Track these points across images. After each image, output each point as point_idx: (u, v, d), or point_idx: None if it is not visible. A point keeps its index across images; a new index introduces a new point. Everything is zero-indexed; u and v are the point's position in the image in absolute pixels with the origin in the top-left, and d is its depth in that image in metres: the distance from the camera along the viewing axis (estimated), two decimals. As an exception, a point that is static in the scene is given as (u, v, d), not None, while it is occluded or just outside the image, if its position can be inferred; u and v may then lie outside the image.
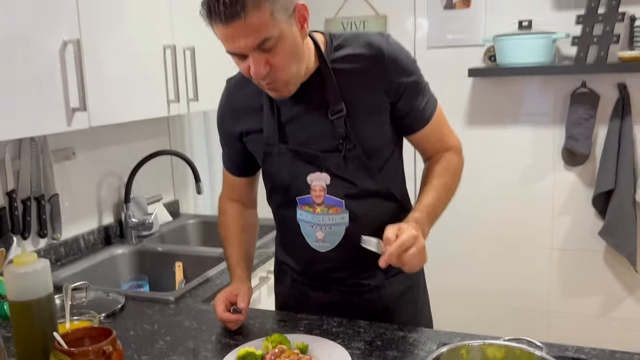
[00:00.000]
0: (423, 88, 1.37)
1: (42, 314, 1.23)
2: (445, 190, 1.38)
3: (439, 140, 1.42)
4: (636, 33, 2.65)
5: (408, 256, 1.17)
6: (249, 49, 1.16)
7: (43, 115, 1.53)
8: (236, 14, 1.10)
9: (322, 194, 1.35)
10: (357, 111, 1.31)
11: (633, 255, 2.75)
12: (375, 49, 1.30)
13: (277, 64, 1.19)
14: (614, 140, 2.71)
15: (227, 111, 1.46)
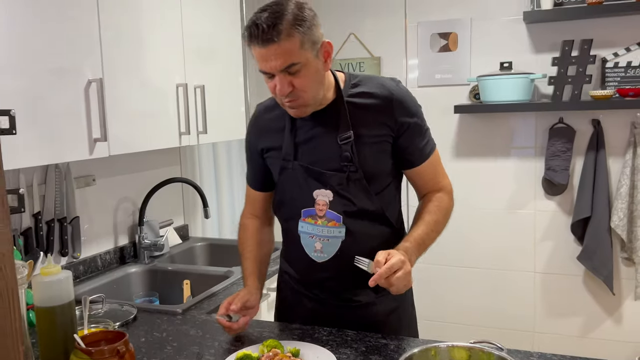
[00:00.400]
0: (424, 130, 1.50)
1: (64, 319, 1.33)
2: (435, 227, 1.49)
3: (433, 178, 1.54)
4: (607, 73, 2.77)
5: (395, 279, 1.27)
6: (277, 69, 1.32)
7: (69, 144, 1.65)
8: (271, 39, 1.28)
9: (325, 208, 1.47)
10: (362, 140, 1.44)
11: (610, 279, 2.82)
12: (386, 90, 1.45)
13: (299, 86, 1.35)
14: (590, 171, 2.81)
15: (253, 130, 1.60)
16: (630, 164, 2.73)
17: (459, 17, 2.99)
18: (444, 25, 3.01)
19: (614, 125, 2.80)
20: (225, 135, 2.50)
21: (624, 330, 2.90)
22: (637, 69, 2.72)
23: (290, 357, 1.32)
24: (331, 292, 1.54)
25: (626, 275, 2.88)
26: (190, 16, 2.20)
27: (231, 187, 3.09)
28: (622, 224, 2.75)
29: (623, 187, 2.74)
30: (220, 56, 2.42)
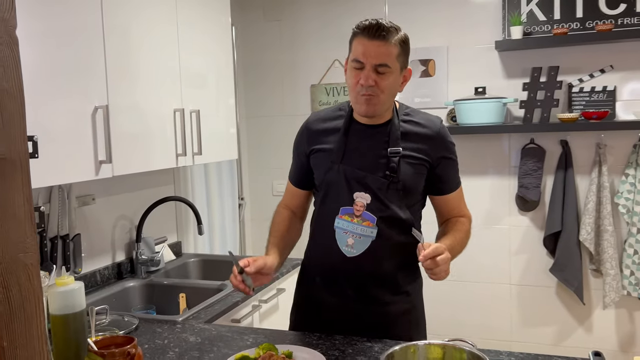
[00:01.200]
0: (456, 166, 1.72)
1: (77, 325, 1.44)
2: (459, 242, 1.66)
3: (457, 207, 1.74)
4: (573, 98, 2.97)
5: (440, 259, 1.46)
6: (371, 63, 1.53)
7: (76, 166, 1.78)
8: (382, 37, 1.52)
9: (362, 209, 1.63)
10: (406, 159, 1.63)
11: (580, 290, 2.98)
12: (433, 125, 1.67)
13: (380, 85, 1.55)
14: (559, 188, 2.99)
15: (305, 132, 1.77)
16: (596, 182, 2.92)
17: (437, 45, 3.18)
18: (423, 52, 3.20)
19: (581, 145, 2.99)
20: (217, 156, 2.63)
21: (594, 338, 3.05)
22: (600, 94, 2.92)
23: (284, 358, 1.44)
24: (352, 287, 1.66)
25: (595, 286, 3.04)
26: (186, 47, 2.34)
27: (222, 206, 3.22)
28: (590, 237, 2.92)
29: (590, 203, 2.91)
30: (213, 83, 2.56)
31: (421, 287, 1.81)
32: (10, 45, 1.03)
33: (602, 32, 2.76)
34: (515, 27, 2.90)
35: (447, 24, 3.15)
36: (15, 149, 1.05)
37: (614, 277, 2.89)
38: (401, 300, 1.70)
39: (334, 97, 3.37)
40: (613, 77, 2.92)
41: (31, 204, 1.15)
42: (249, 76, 3.57)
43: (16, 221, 1.04)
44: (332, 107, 1.78)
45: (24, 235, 1.12)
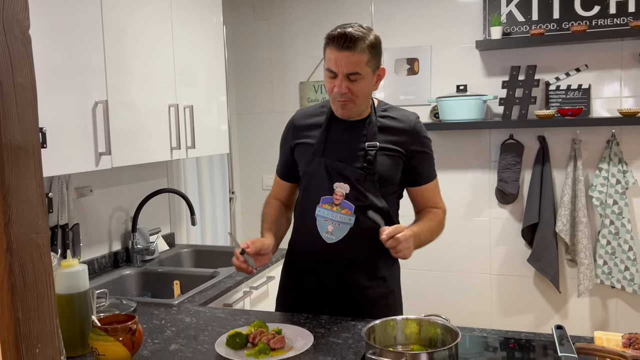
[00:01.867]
0: (430, 159, 1.83)
1: (81, 304, 1.55)
2: (429, 229, 1.78)
3: (432, 198, 1.85)
4: (550, 95, 3.11)
5: (401, 237, 1.57)
6: (343, 72, 1.63)
7: (78, 157, 1.88)
8: (349, 48, 1.60)
9: (341, 198, 1.75)
10: (383, 151, 1.74)
11: (556, 279, 3.12)
12: (408, 120, 1.80)
13: (354, 92, 1.66)
14: (537, 182, 3.12)
15: (291, 127, 1.89)
16: (571, 176, 3.05)
17: (421, 44, 3.30)
18: (407, 51, 3.32)
19: (557, 141, 3.12)
20: (210, 150, 2.74)
21: (570, 324, 3.18)
22: (575, 92, 3.06)
23: (274, 334, 1.56)
24: (332, 272, 1.78)
25: (570, 275, 3.19)
26: (180, 46, 2.44)
27: (213, 198, 3.32)
28: (566, 229, 3.06)
29: (566, 196, 3.05)
30: (206, 80, 2.67)
31: (399, 273, 1.94)
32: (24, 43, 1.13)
33: (576, 32, 2.90)
34: (495, 27, 3.02)
35: (431, 24, 3.27)
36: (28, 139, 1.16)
37: (587, 266, 3.03)
38: (379, 285, 1.81)
39: (322, 94, 3.48)
40: (588, 75, 3.06)
41: (43, 189, 1.26)
42: (240, 74, 3.68)
43: (29, 205, 1.14)
44: (316, 105, 1.90)
45: (37, 217, 1.22)
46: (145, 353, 1.55)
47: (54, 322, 1.32)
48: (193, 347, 1.57)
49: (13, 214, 1.10)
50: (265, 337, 1.53)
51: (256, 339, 1.53)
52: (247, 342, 1.55)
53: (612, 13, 2.95)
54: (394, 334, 1.41)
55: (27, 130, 1.15)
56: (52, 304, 1.31)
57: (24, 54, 1.14)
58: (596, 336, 1.51)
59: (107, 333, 1.43)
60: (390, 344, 1.41)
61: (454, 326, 1.36)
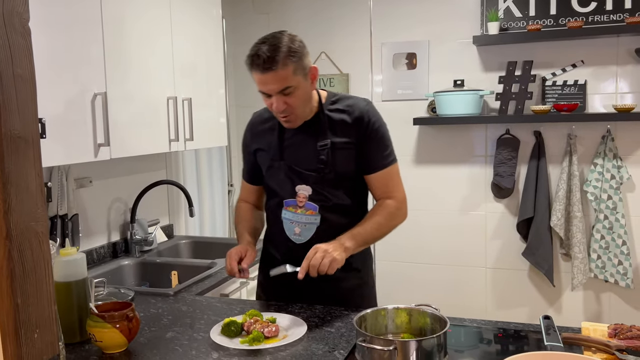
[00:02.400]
0: (384, 145, 1.77)
1: (79, 292, 1.58)
2: (377, 225, 1.75)
3: (384, 186, 1.79)
4: (547, 91, 3.13)
5: (322, 265, 1.58)
6: (274, 92, 1.62)
7: (77, 148, 1.90)
8: (270, 68, 1.57)
9: (305, 200, 1.76)
10: (336, 147, 1.73)
11: (550, 273, 3.15)
12: (356, 108, 1.75)
13: (292, 104, 1.65)
14: (532, 176, 3.15)
15: (249, 133, 1.91)
16: (566, 171, 3.08)
17: (419, 39, 3.32)
18: (405, 46, 3.34)
19: (553, 136, 3.15)
20: (208, 142, 2.76)
21: (563, 318, 3.23)
22: (571, 87, 3.08)
23: (268, 323, 1.59)
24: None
25: (564, 269, 3.22)
26: (179, 39, 2.47)
27: (212, 190, 3.35)
28: (560, 223, 3.09)
29: (561, 191, 3.08)
30: (205, 72, 2.69)
31: (372, 263, 1.96)
32: (24, 35, 1.16)
33: (573, 28, 2.91)
34: (492, 22, 3.04)
35: (428, 19, 3.29)
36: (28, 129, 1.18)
37: (581, 260, 3.06)
38: (353, 277, 1.84)
39: (320, 86, 3.50)
40: (584, 71, 3.08)
41: (42, 178, 1.28)
42: (239, 67, 3.69)
43: (29, 193, 1.17)
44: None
45: (36, 205, 1.25)
46: (142, 340, 1.58)
47: (53, 309, 1.35)
48: (189, 335, 1.60)
49: (12, 202, 1.13)
50: (260, 325, 1.56)
51: (250, 327, 1.56)
52: (242, 330, 1.58)
53: (609, 9, 2.97)
54: (384, 323, 1.44)
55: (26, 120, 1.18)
56: (50, 290, 1.34)
57: (24, 46, 1.16)
58: (583, 326, 1.54)
59: (104, 320, 1.47)
60: (381, 333, 1.45)
61: (443, 315, 1.39)
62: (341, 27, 3.46)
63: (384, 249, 3.51)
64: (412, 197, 3.45)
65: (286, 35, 1.63)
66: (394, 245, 3.49)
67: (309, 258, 1.60)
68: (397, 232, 3.49)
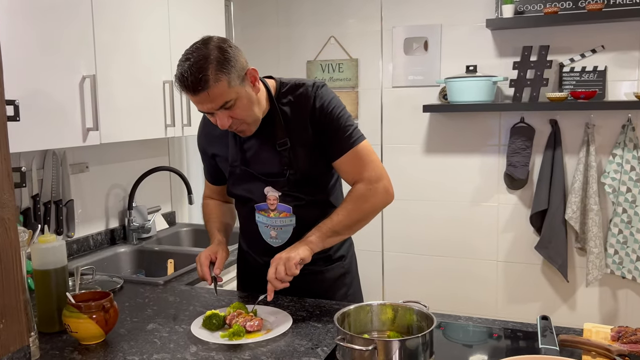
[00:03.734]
0: (342, 127, 1.59)
1: (58, 280, 1.54)
2: (345, 212, 1.60)
3: (352, 170, 1.62)
4: (564, 77, 2.99)
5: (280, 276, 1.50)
6: (213, 110, 1.47)
7: (64, 132, 1.86)
8: (201, 89, 1.41)
9: (276, 202, 1.66)
10: (296, 145, 1.61)
11: (564, 267, 3.03)
12: (305, 97, 1.60)
13: (238, 116, 1.51)
14: (547, 167, 3.03)
15: (202, 136, 1.80)
16: (583, 161, 2.95)
17: (430, 23, 3.20)
18: (416, 30, 3.23)
19: (570, 125, 3.02)
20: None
21: (578, 315, 3.12)
22: (590, 74, 2.94)
23: (252, 317, 1.53)
24: None
25: (579, 264, 3.10)
26: (177, 17, 2.40)
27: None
28: (576, 216, 2.96)
29: (577, 183, 2.95)
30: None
31: (352, 250, 1.86)
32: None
33: (592, 11, 2.77)
34: (507, 5, 2.91)
35: (441, 2, 3.17)
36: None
37: (597, 255, 2.94)
38: (336, 266, 1.77)
39: (329, 73, 3.42)
40: (604, 57, 2.94)
41: (9, 162, 1.23)
42: (246, 51, 3.60)
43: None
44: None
45: (1, 191, 1.20)
46: (122, 331, 1.53)
47: (20, 298, 1.31)
48: (170, 327, 1.55)
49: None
50: (242, 319, 1.51)
51: (232, 321, 1.50)
52: (225, 324, 1.53)
53: (632, -9, 2.82)
54: (369, 319, 1.37)
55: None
56: (18, 279, 1.29)
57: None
58: (585, 328, 1.45)
59: (79, 310, 1.42)
60: (366, 330, 1.37)
61: (430, 313, 1.31)
62: (351, 10, 3.36)
63: (392, 240, 3.43)
64: (421, 186, 3.36)
65: (213, 44, 1.44)
66: (403, 236, 3.41)
67: (270, 279, 1.52)
68: (406, 222, 3.42)
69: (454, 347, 1.44)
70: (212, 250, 1.70)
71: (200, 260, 1.68)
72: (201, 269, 1.67)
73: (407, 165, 3.33)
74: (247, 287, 1.88)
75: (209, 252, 1.70)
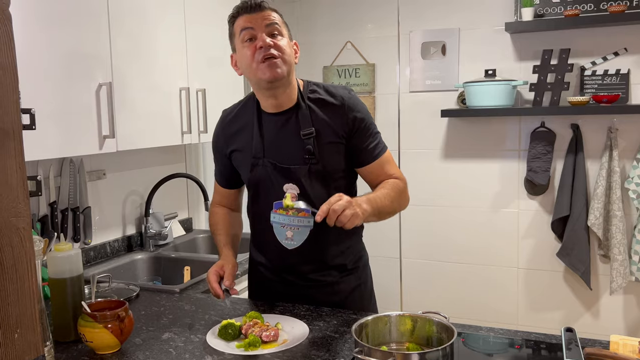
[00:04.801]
0: (372, 134, 1.66)
1: (73, 289, 1.53)
2: (389, 198, 1.60)
3: (384, 173, 1.68)
4: (585, 81, 2.93)
5: (344, 215, 1.42)
6: (262, 26, 1.54)
7: (81, 140, 1.86)
8: (259, 9, 1.56)
9: (295, 200, 1.65)
10: (321, 137, 1.62)
11: (587, 275, 2.97)
12: (339, 98, 1.64)
13: (279, 45, 1.56)
14: (569, 172, 2.97)
15: (221, 135, 1.78)
16: (606, 167, 2.89)
17: (448, 27, 3.17)
18: (433, 34, 3.19)
19: (592, 129, 2.95)
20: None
21: (601, 323, 3.04)
22: (613, 77, 2.88)
23: (268, 325, 1.51)
24: (300, 275, 1.72)
25: (603, 271, 3.03)
26: (193, 26, 2.40)
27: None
28: (598, 222, 2.90)
29: (599, 188, 2.89)
30: (221, 62, 2.62)
31: (367, 262, 1.84)
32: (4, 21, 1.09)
33: (614, 13, 2.71)
34: (527, 8, 2.87)
35: (459, 6, 3.13)
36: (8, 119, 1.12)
37: (621, 262, 2.87)
38: (349, 278, 1.74)
39: (346, 78, 3.40)
40: (627, 60, 2.87)
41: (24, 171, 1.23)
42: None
43: (8, 187, 1.11)
44: (239, 104, 1.76)
45: (16, 200, 1.20)
46: (137, 340, 1.52)
47: (36, 307, 1.30)
48: (186, 337, 1.54)
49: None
50: (258, 329, 1.49)
51: (248, 331, 1.48)
52: (240, 334, 1.51)
53: (656, -8, 2.76)
54: (387, 330, 1.34)
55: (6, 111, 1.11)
56: (33, 288, 1.28)
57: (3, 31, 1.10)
58: (612, 340, 1.40)
59: (95, 320, 1.41)
60: (384, 342, 1.34)
61: (450, 324, 1.28)
62: (368, 15, 3.34)
63: (410, 247, 3.39)
64: (440, 192, 3.32)
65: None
66: (421, 242, 3.37)
67: (330, 203, 1.42)
68: (425, 228, 3.38)
69: (475, 358, 1.41)
70: (219, 266, 1.68)
71: (208, 277, 1.67)
72: (212, 287, 1.64)
73: (425, 171, 3.29)
74: (258, 299, 1.86)
75: (216, 267, 1.68)
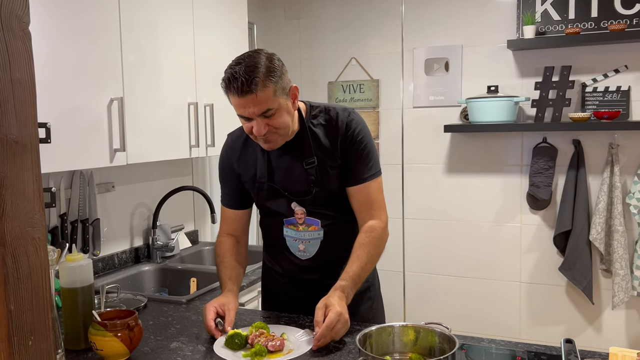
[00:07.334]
0: (366, 157, 1.66)
1: (85, 298, 1.57)
2: (369, 259, 1.63)
3: (365, 203, 1.67)
4: (587, 97, 2.98)
5: (335, 333, 1.48)
6: (255, 115, 1.51)
7: (92, 153, 1.91)
8: (249, 91, 1.46)
9: (303, 217, 1.70)
10: (324, 164, 1.66)
11: (589, 289, 2.98)
12: (336, 120, 1.67)
13: (274, 125, 1.54)
14: (571, 187, 3.00)
15: (229, 157, 1.79)
16: (607, 182, 2.92)
17: (451, 43, 3.22)
18: (437, 51, 3.24)
19: (593, 145, 2.99)
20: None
21: (603, 338, 3.05)
22: (614, 94, 2.92)
23: (273, 336, 1.54)
24: (313, 282, 1.76)
25: (605, 285, 3.04)
26: (202, 40, 2.46)
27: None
28: (600, 237, 2.92)
29: (601, 203, 2.92)
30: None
31: (377, 278, 1.89)
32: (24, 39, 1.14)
33: (614, 31, 2.76)
34: (528, 26, 2.92)
35: (462, 23, 3.19)
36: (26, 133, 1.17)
37: (623, 277, 2.89)
38: (360, 298, 1.76)
39: (350, 94, 3.45)
40: (627, 77, 2.92)
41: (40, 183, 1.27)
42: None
43: (25, 198, 1.15)
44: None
45: (32, 211, 1.24)
46: (146, 349, 1.55)
47: (49, 316, 1.33)
48: (193, 346, 1.57)
49: (7, 207, 1.11)
50: (264, 339, 1.51)
51: (254, 341, 1.51)
52: (247, 343, 1.54)
53: (655, 11, 2.81)
54: (390, 341, 1.37)
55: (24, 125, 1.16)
56: (47, 297, 1.32)
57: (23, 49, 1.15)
58: (611, 352, 1.42)
59: (105, 328, 1.45)
60: (387, 351, 1.37)
61: (452, 335, 1.31)
62: (372, 32, 3.40)
63: (413, 261, 3.41)
64: (443, 206, 3.36)
65: (263, 54, 1.51)
66: (424, 257, 3.39)
67: (324, 323, 1.46)
68: (427, 243, 3.40)
69: (476, 369, 1.43)
70: (220, 302, 1.63)
71: (205, 312, 1.61)
72: (206, 323, 1.60)
73: (428, 186, 3.32)
74: (270, 305, 1.89)
75: (216, 304, 1.63)
